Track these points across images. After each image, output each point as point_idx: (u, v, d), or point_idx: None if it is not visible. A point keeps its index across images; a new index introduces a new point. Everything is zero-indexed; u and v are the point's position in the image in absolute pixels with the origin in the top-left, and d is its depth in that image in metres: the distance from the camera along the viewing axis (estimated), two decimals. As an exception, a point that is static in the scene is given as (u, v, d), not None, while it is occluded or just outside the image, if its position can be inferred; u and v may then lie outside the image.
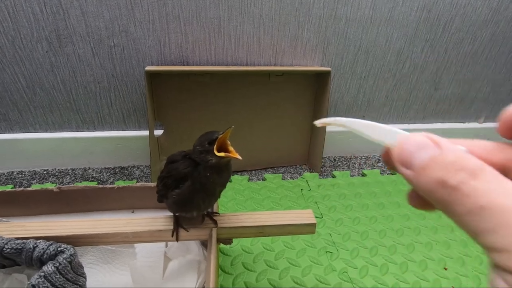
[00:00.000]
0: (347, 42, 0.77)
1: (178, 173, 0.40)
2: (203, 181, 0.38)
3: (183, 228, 0.43)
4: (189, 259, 0.49)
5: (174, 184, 0.40)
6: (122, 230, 0.41)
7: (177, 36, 0.69)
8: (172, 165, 0.41)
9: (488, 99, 0.95)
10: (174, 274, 0.49)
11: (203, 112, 0.76)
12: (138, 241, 0.43)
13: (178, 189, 0.39)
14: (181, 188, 0.39)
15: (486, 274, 0.59)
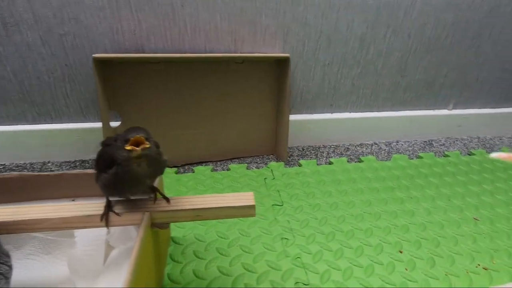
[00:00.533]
0: (308, 28, 0.76)
1: (107, 157, 0.39)
2: (125, 170, 0.37)
3: (114, 213, 0.42)
4: (130, 246, 0.48)
5: (103, 168, 0.39)
6: (48, 216, 0.40)
7: (130, 23, 0.67)
8: (104, 148, 0.41)
9: (455, 85, 0.95)
10: (115, 262, 0.47)
11: (162, 101, 0.74)
12: (68, 227, 0.41)
13: (106, 174, 0.38)
14: (108, 173, 0.38)
15: (441, 256, 0.58)
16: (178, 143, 0.80)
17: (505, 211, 0.70)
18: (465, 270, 0.56)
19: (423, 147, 0.97)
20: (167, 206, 0.43)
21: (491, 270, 0.56)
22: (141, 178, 0.39)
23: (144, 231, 0.39)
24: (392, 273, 0.55)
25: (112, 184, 0.39)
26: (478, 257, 0.59)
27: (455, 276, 0.55)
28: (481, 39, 0.87)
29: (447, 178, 0.81)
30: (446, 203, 0.72)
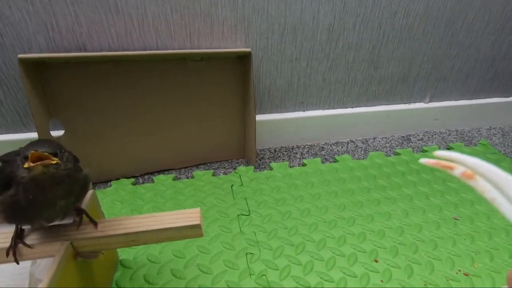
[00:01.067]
0: (270, 20, 0.70)
1: (2, 177, 0.31)
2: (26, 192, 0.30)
3: (24, 245, 0.34)
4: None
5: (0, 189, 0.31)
6: None
7: (66, 19, 0.59)
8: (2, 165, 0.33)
9: (430, 77, 0.91)
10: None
11: (112, 106, 0.67)
12: None
13: (2, 196, 0.31)
14: (4, 195, 0.30)
15: (419, 263, 0.53)
16: (135, 151, 0.72)
17: (485, 208, 0.67)
18: (445, 278, 0.51)
19: (401, 143, 0.93)
20: (93, 232, 0.36)
21: (472, 276, 0.51)
22: (51, 201, 0.32)
23: (60, 265, 0.32)
24: (366, 286, 0.49)
25: (13, 210, 0.31)
26: (458, 262, 0.54)
27: (434, 285, 0.50)
28: (455, 27, 0.84)
29: (425, 175, 0.77)
30: (425, 203, 0.68)
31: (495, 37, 0.88)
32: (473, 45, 0.88)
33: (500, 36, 0.89)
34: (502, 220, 0.64)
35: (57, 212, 0.33)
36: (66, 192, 0.32)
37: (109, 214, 0.61)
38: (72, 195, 0.33)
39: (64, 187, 0.31)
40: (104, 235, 0.36)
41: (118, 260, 0.52)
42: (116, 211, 0.62)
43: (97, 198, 0.43)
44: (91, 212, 0.39)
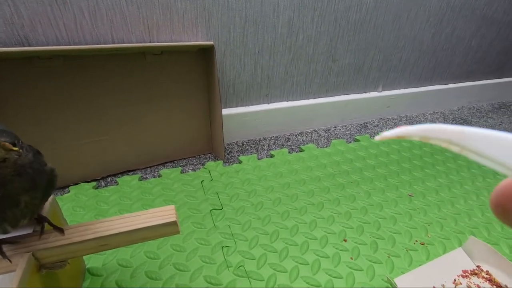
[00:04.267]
0: (231, 13, 0.70)
1: None
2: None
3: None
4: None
5: None
6: None
7: (3, 9, 0.53)
8: None
9: (382, 68, 0.98)
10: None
11: (64, 105, 0.61)
12: None
13: None
14: None
15: (382, 238, 0.58)
16: (93, 153, 0.68)
17: (434, 184, 0.74)
18: (405, 249, 0.56)
19: (359, 130, 0.99)
20: (60, 240, 0.34)
21: (427, 245, 0.57)
22: (13, 196, 0.28)
23: (22, 281, 0.29)
24: (338, 265, 0.53)
25: None
26: (415, 233, 0.60)
27: (397, 256, 0.55)
28: (401, 21, 0.91)
29: (382, 158, 0.84)
30: (384, 183, 0.74)
31: (435, 30, 0.98)
32: (417, 38, 0.97)
33: (439, 29, 0.98)
34: (448, 193, 0.72)
35: (22, 210, 0.29)
36: (30, 185, 0.29)
37: (71, 222, 0.57)
38: (38, 190, 0.30)
39: (26, 179, 0.29)
40: (71, 242, 0.33)
41: (85, 268, 0.49)
42: (78, 218, 0.58)
43: (57, 204, 0.40)
44: (53, 219, 0.36)
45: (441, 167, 0.81)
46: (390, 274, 0.51)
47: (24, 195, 0.29)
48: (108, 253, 0.51)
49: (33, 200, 0.30)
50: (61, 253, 0.34)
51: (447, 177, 0.77)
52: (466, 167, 0.81)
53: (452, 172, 0.79)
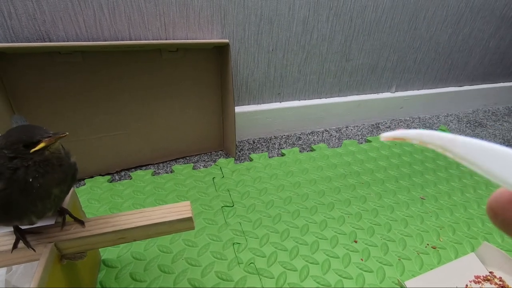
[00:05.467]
0: (247, 11, 0.70)
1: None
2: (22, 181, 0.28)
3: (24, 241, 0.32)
4: (40, 284, 0.38)
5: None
6: None
7: (26, 5, 0.54)
8: None
9: (396, 68, 0.97)
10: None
11: (82, 100, 0.63)
12: None
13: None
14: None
15: (393, 241, 0.58)
16: (109, 147, 0.69)
17: (447, 187, 0.73)
18: (416, 252, 0.56)
19: (371, 131, 0.98)
20: (81, 231, 0.35)
21: (439, 249, 0.57)
22: (48, 188, 0.30)
23: (45, 270, 0.30)
24: (348, 266, 0.53)
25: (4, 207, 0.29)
26: (426, 237, 0.60)
27: (407, 259, 0.55)
28: (417, 21, 0.89)
29: (393, 160, 0.83)
30: (395, 185, 0.73)
31: (452, 31, 0.96)
32: (433, 38, 0.95)
33: (456, 30, 0.96)
34: (461, 197, 0.71)
35: (51, 202, 0.31)
36: (62, 178, 0.31)
37: (86, 214, 0.58)
38: (66, 183, 0.32)
39: (61, 171, 0.30)
40: (91, 234, 0.34)
41: (101, 259, 0.50)
42: (93, 210, 0.60)
43: (77, 196, 0.41)
44: (72, 211, 0.37)
45: (455, 171, 0.80)
46: (400, 277, 0.51)
47: (55, 188, 0.30)
48: (123, 245, 0.52)
49: (61, 193, 0.31)
50: (82, 244, 0.35)
51: (460, 181, 0.76)
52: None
53: (465, 176, 0.78)
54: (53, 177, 0.30)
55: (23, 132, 0.29)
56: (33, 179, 0.29)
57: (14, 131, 0.29)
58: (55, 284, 0.32)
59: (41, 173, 0.29)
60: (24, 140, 0.28)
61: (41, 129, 0.29)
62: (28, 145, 0.28)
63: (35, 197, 0.29)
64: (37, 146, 0.28)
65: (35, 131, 0.29)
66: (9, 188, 0.28)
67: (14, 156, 0.28)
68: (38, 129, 0.29)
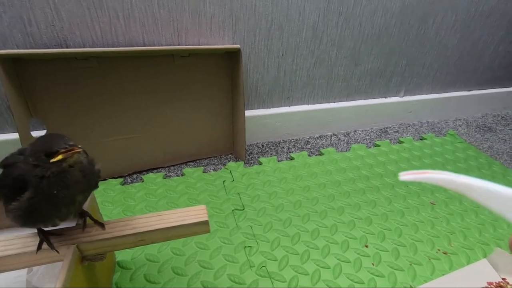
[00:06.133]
0: (258, 17, 0.71)
1: (12, 181, 0.30)
2: (48, 191, 0.29)
3: (47, 242, 0.33)
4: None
5: (11, 195, 0.30)
6: None
7: (45, 12, 0.56)
8: (6, 170, 0.31)
9: (405, 73, 0.97)
10: (41, 307, 0.38)
11: (97, 104, 0.64)
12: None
13: (17, 202, 0.29)
14: (20, 200, 0.29)
15: (404, 246, 0.58)
16: (121, 150, 0.70)
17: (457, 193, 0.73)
18: (427, 257, 0.56)
19: (379, 135, 0.98)
20: (101, 234, 0.36)
21: (450, 254, 0.57)
22: (73, 196, 0.31)
23: (69, 271, 0.31)
24: (359, 270, 0.53)
25: (30, 213, 0.30)
26: (437, 242, 0.60)
27: (419, 264, 0.55)
28: (426, 26, 0.90)
29: (402, 164, 0.83)
30: (405, 190, 0.73)
31: (461, 35, 0.96)
32: (442, 42, 0.95)
33: (465, 35, 0.96)
34: (471, 203, 0.70)
35: (75, 208, 0.32)
36: (86, 185, 0.32)
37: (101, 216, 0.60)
38: (89, 189, 0.33)
39: (85, 180, 0.31)
40: (112, 236, 0.35)
41: (116, 261, 0.51)
42: (107, 212, 0.61)
43: (95, 199, 0.42)
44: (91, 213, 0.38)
45: (465, 176, 0.79)
46: (412, 282, 0.51)
47: (80, 195, 0.31)
48: (137, 247, 0.53)
49: (84, 199, 0.32)
50: (102, 246, 0.36)
51: (471, 186, 0.76)
52: (491, 177, 0.80)
53: (475, 181, 0.78)
54: (76, 186, 0.31)
55: (46, 141, 0.30)
56: (57, 191, 0.29)
57: (40, 139, 0.30)
58: (77, 285, 0.33)
59: (64, 185, 0.30)
60: (45, 149, 0.29)
61: (63, 139, 0.29)
62: (49, 154, 0.29)
63: (60, 204, 0.30)
64: (56, 157, 0.28)
65: (55, 141, 0.29)
66: (36, 196, 0.29)
67: (37, 164, 0.29)
68: (60, 139, 0.29)
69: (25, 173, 0.29)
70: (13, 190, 0.30)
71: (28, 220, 0.31)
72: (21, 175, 0.29)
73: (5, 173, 0.31)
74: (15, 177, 0.29)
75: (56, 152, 0.29)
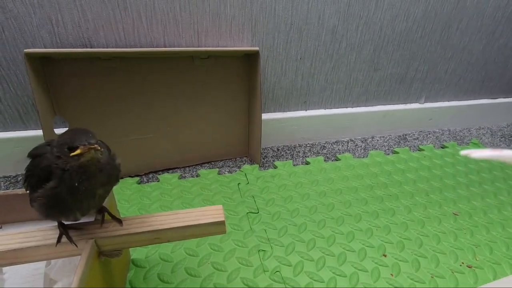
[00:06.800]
0: (277, 20, 0.71)
1: (40, 171, 0.31)
2: (69, 183, 0.30)
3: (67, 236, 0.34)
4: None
5: (38, 184, 0.31)
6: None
7: (72, 13, 0.58)
8: (34, 160, 0.32)
9: (426, 79, 0.94)
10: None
11: (117, 103, 0.65)
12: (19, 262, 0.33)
13: (41, 189, 0.30)
14: (45, 188, 0.30)
15: (425, 257, 0.56)
16: (139, 149, 0.71)
17: (481, 204, 0.70)
18: (450, 270, 0.53)
19: (398, 142, 0.96)
20: (119, 230, 0.36)
21: (475, 268, 0.54)
22: (92, 190, 0.31)
23: (87, 265, 0.31)
24: (377, 281, 0.51)
25: (53, 203, 0.31)
26: (461, 255, 0.57)
27: (441, 277, 0.52)
28: (450, 31, 0.87)
29: (423, 172, 0.80)
30: (425, 199, 0.70)
31: (487, 41, 0.93)
32: (467, 48, 0.92)
33: (491, 40, 0.93)
34: (498, 215, 0.67)
35: (95, 201, 0.33)
36: (106, 179, 0.32)
37: (117, 214, 0.60)
38: (110, 184, 0.33)
39: (105, 174, 0.31)
40: (129, 233, 0.35)
41: (130, 259, 0.51)
42: (123, 210, 0.61)
43: (114, 195, 0.43)
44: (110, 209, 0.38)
45: (489, 187, 0.76)
46: (433, 295, 0.49)
47: (100, 188, 0.32)
48: (151, 246, 0.53)
49: (105, 193, 0.33)
50: (119, 242, 0.36)
51: (496, 198, 0.72)
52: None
53: (502, 193, 0.74)
54: (96, 180, 0.31)
55: (70, 134, 0.30)
56: (78, 183, 0.30)
57: (67, 132, 0.31)
58: (94, 279, 0.33)
59: (84, 178, 0.30)
60: (68, 143, 0.29)
61: (86, 135, 0.29)
62: (71, 148, 0.29)
63: (81, 197, 0.31)
64: (75, 151, 0.29)
65: (78, 136, 0.29)
66: (59, 187, 0.30)
67: (59, 156, 0.30)
68: (83, 134, 0.30)
69: (51, 164, 0.29)
70: (40, 180, 0.30)
71: (51, 210, 0.31)
72: (48, 166, 0.30)
73: (33, 163, 0.32)
74: (42, 168, 0.30)
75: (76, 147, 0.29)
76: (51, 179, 0.30)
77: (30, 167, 0.32)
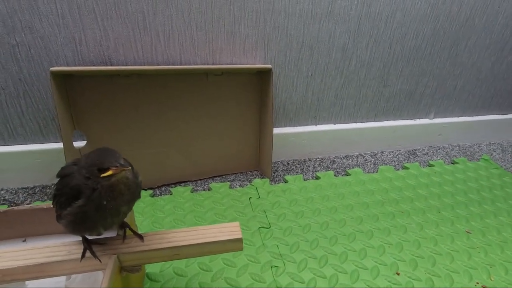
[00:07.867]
0: (289, 38, 0.73)
1: (69, 190, 0.32)
2: (97, 201, 0.31)
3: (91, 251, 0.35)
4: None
5: (66, 203, 0.32)
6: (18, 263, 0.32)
7: (95, 33, 0.61)
8: (63, 180, 0.34)
9: (435, 94, 0.95)
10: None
11: (133, 118, 0.67)
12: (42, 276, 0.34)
13: (70, 207, 0.32)
14: (73, 206, 0.31)
15: (439, 276, 0.55)
16: (153, 163, 0.73)
17: (495, 222, 0.69)
18: (464, 290, 0.53)
19: (407, 157, 0.96)
20: (140, 245, 0.37)
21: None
22: (117, 207, 0.33)
23: (110, 280, 0.32)
24: (391, 300, 0.51)
25: (80, 220, 0.32)
26: (475, 274, 0.56)
27: (456, 297, 0.52)
28: (458, 49, 0.88)
29: (434, 188, 0.80)
30: (437, 216, 0.70)
31: (495, 58, 0.94)
32: (475, 65, 0.93)
33: (500, 58, 0.94)
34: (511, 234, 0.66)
35: (119, 218, 0.34)
36: (131, 197, 0.34)
37: (131, 227, 0.61)
38: (133, 201, 0.34)
39: (130, 192, 0.33)
40: (150, 249, 0.36)
41: (145, 273, 0.52)
42: (137, 223, 0.62)
43: (133, 211, 0.44)
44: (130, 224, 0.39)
45: (502, 205, 0.75)
46: (449, 316, 0.48)
47: (125, 206, 0.33)
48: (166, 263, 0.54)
49: (128, 209, 0.34)
50: (140, 258, 0.37)
51: (510, 216, 0.72)
52: (531, 206, 0.75)
53: (515, 211, 0.73)
54: (123, 198, 0.33)
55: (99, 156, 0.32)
56: (106, 202, 0.31)
57: (94, 154, 0.32)
58: (115, 295, 0.34)
59: (112, 196, 0.32)
60: (98, 165, 0.31)
61: (114, 156, 0.31)
62: (101, 169, 0.31)
63: (107, 214, 0.32)
64: (106, 173, 0.30)
65: (108, 158, 0.31)
66: (87, 205, 0.31)
67: (89, 177, 0.31)
68: (112, 155, 0.31)
69: (81, 183, 0.31)
70: (68, 198, 0.32)
71: (78, 226, 0.33)
72: (77, 185, 0.31)
73: (62, 182, 0.34)
74: (72, 187, 0.31)
75: (107, 169, 0.30)
76: (80, 197, 0.31)
77: (59, 186, 0.34)
